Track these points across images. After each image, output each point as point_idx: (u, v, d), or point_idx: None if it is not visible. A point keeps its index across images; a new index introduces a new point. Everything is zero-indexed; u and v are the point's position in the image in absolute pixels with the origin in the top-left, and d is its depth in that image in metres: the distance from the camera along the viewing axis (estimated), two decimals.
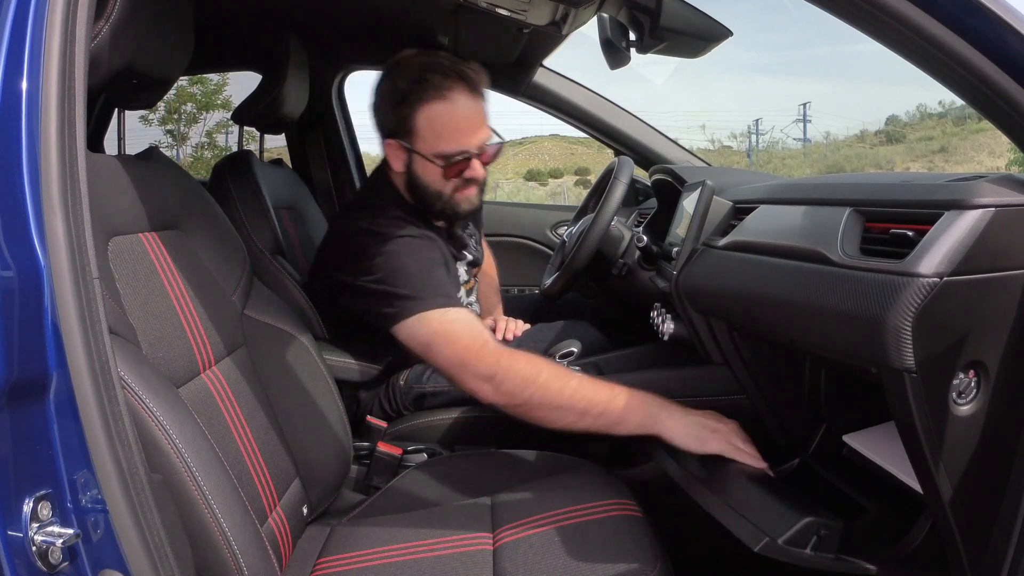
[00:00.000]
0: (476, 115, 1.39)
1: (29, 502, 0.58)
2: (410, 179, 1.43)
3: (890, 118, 31.91)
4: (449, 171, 1.39)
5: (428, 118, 1.36)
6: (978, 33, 0.78)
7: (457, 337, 1.24)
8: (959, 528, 0.87)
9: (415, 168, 1.41)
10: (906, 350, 0.80)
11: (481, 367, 1.21)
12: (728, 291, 1.18)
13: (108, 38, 0.87)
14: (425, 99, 1.35)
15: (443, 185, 1.41)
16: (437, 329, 1.26)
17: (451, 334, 1.25)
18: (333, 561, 1.07)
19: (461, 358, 1.23)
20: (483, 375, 1.20)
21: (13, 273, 0.59)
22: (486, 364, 1.21)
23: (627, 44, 1.39)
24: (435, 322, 1.27)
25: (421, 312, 1.27)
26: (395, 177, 1.47)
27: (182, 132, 10.75)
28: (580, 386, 1.18)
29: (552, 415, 1.18)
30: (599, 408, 1.16)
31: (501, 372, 1.20)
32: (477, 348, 1.23)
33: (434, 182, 1.41)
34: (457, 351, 1.23)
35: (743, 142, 31.25)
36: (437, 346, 1.25)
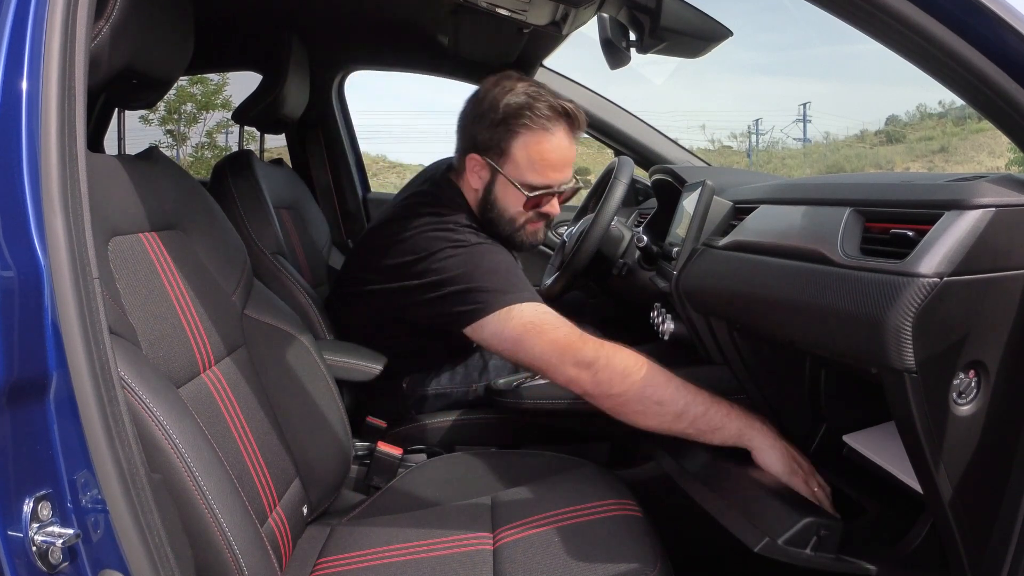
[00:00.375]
0: (570, 155, 1.42)
1: (29, 502, 0.58)
2: (486, 198, 1.43)
3: (890, 118, 31.92)
4: (531, 202, 1.40)
5: (526, 147, 1.37)
6: (978, 33, 0.78)
7: (555, 327, 1.23)
8: (959, 528, 0.87)
9: (496, 189, 1.42)
10: (906, 350, 0.80)
11: (582, 354, 1.18)
12: (728, 291, 1.18)
13: (108, 38, 0.87)
14: (529, 128, 1.36)
15: (519, 214, 1.42)
16: (532, 319, 1.24)
17: (547, 324, 1.24)
18: (333, 561, 1.07)
19: (561, 346, 1.20)
20: (584, 362, 1.18)
21: (13, 273, 0.59)
22: (589, 350, 1.19)
23: (627, 44, 1.39)
24: (528, 314, 1.25)
25: (512, 305, 1.26)
26: (467, 191, 1.46)
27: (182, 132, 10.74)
28: (681, 386, 1.16)
29: (649, 410, 1.15)
30: (699, 411, 1.14)
31: (603, 359, 1.17)
32: (578, 336, 1.21)
33: (511, 208, 1.42)
34: (557, 338, 1.21)
35: (743, 142, 31.25)
36: (532, 336, 1.23)
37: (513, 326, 1.25)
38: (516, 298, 1.26)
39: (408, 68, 2.42)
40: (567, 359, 1.19)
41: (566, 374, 1.20)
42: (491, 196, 1.42)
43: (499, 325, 1.26)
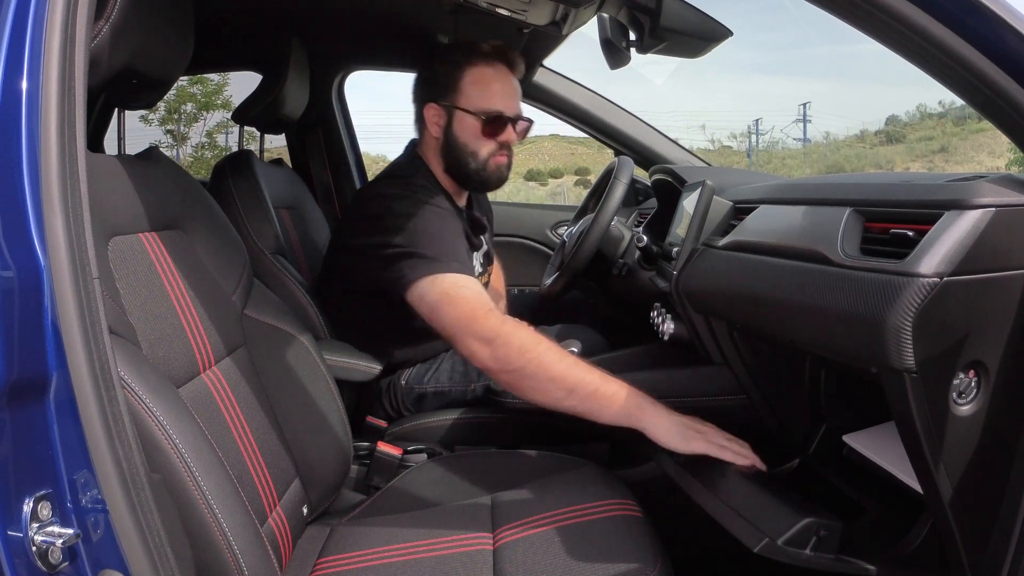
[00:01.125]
0: (515, 90, 1.53)
1: (29, 502, 0.58)
2: (448, 142, 1.52)
3: (890, 118, 31.92)
4: (488, 129, 1.49)
5: (474, 78, 1.49)
6: (978, 33, 0.78)
7: (466, 300, 1.29)
8: (959, 528, 0.87)
9: (455, 127, 1.51)
10: (906, 350, 0.80)
11: (484, 329, 1.24)
12: (728, 291, 1.18)
13: (108, 38, 0.87)
14: (474, 62, 1.50)
15: (480, 145, 1.50)
16: (448, 291, 1.31)
17: (460, 296, 1.30)
18: (333, 561, 1.07)
19: (466, 319, 1.27)
20: (484, 337, 1.24)
21: (13, 273, 0.59)
22: (489, 326, 1.24)
23: (627, 44, 1.39)
24: (447, 284, 1.31)
25: (437, 274, 1.32)
26: (428, 151, 1.56)
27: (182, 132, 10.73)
28: (574, 364, 1.20)
29: (542, 387, 1.20)
30: (588, 389, 1.18)
31: (503, 336, 1.23)
32: (483, 312, 1.27)
33: (472, 140, 1.50)
34: (464, 312, 1.28)
35: (743, 142, 31.26)
36: (445, 307, 1.30)
37: (433, 294, 1.31)
38: (443, 267, 1.32)
39: (408, 68, 2.41)
40: (469, 332, 1.25)
41: (468, 347, 1.26)
42: (451, 136, 1.51)
43: (422, 292, 1.33)
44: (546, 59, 2.22)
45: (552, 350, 1.22)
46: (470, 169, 1.52)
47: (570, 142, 29.98)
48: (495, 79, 1.50)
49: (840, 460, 1.21)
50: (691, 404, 1.39)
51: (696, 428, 1.17)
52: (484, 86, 1.49)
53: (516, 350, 1.22)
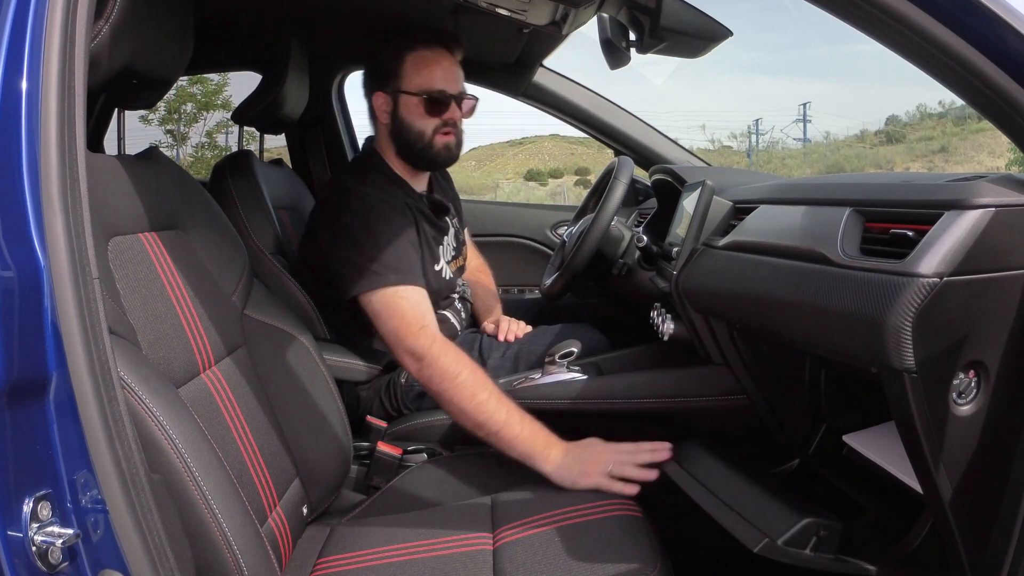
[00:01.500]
0: (455, 70, 1.58)
1: (29, 502, 0.58)
2: (395, 126, 1.57)
3: (890, 118, 31.91)
4: (431, 107, 1.54)
5: (414, 61, 1.55)
6: (978, 33, 0.78)
7: (401, 314, 1.37)
8: (959, 528, 0.87)
9: (400, 112, 1.56)
10: (906, 350, 0.80)
11: (413, 346, 1.33)
12: (728, 291, 1.18)
13: (108, 38, 0.87)
14: (412, 47, 1.55)
15: (424, 124, 1.55)
16: (386, 303, 1.38)
17: (395, 309, 1.37)
18: (333, 561, 1.07)
19: (398, 333, 1.35)
20: (413, 353, 1.33)
21: (13, 273, 0.59)
22: (419, 344, 1.33)
23: (627, 44, 1.39)
24: (386, 297, 1.39)
25: (376, 288, 1.39)
26: (382, 141, 1.61)
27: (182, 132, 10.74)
28: (486, 401, 1.26)
29: (457, 415, 1.30)
30: (493, 427, 1.25)
31: (429, 357, 1.31)
32: (417, 328, 1.35)
33: (416, 121, 1.55)
34: (397, 326, 1.36)
35: (743, 142, 31.25)
36: (381, 319, 1.38)
37: (373, 306, 1.40)
38: (382, 280, 1.39)
39: None
40: (401, 346, 1.35)
41: (401, 358, 1.36)
42: (399, 119, 1.56)
43: (365, 301, 1.41)
44: (546, 59, 2.22)
45: (471, 382, 1.28)
46: (418, 148, 1.57)
47: (570, 142, 29.98)
48: (434, 60, 1.55)
49: (840, 460, 1.21)
50: (691, 404, 1.39)
51: (584, 466, 1.19)
52: (424, 67, 1.54)
53: (439, 373, 1.30)
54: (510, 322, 1.74)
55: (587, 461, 1.20)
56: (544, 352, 1.55)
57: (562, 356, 1.48)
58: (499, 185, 25.97)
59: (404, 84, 1.55)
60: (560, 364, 1.48)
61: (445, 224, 1.69)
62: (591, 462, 1.20)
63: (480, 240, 2.09)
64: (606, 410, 1.44)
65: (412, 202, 1.57)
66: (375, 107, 1.59)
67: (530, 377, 1.51)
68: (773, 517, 1.00)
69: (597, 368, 1.53)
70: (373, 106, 1.60)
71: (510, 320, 1.75)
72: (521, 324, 1.73)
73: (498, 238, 2.43)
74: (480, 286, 1.90)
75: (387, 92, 1.57)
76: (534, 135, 30.79)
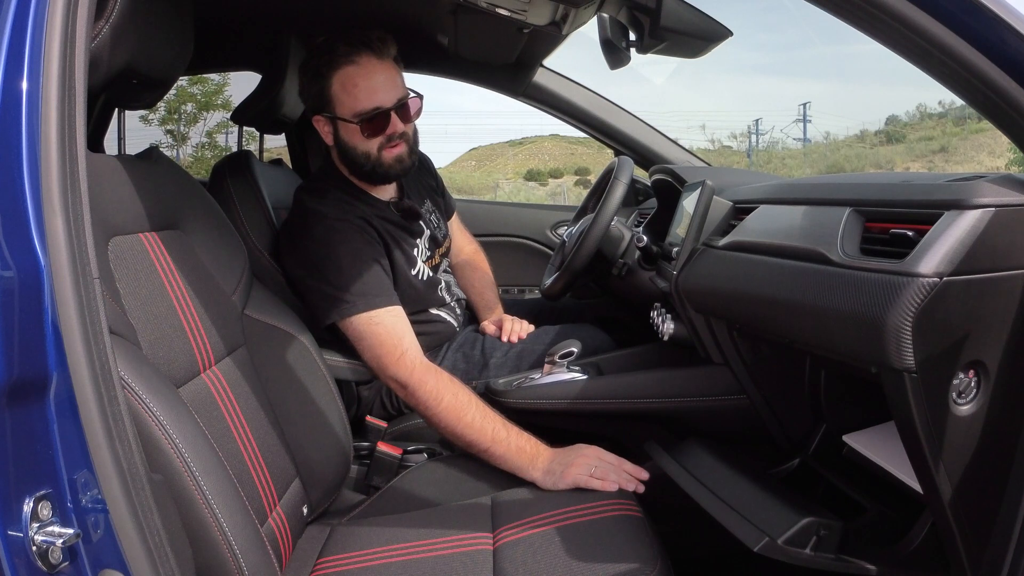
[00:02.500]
0: (386, 76, 1.47)
1: (29, 502, 0.58)
2: (340, 148, 1.52)
3: (890, 118, 31.92)
4: (367, 128, 1.47)
5: (341, 83, 1.45)
6: (978, 33, 0.78)
7: (379, 342, 1.36)
8: (959, 528, 0.87)
9: (341, 136, 1.50)
10: (906, 350, 0.80)
11: (395, 374, 1.34)
12: (728, 291, 1.18)
13: (108, 38, 0.87)
14: (335, 66, 1.45)
15: (368, 145, 1.48)
16: (363, 331, 1.37)
17: (374, 337, 1.37)
18: (333, 561, 1.07)
19: (380, 362, 1.36)
20: (398, 382, 1.34)
21: (13, 273, 0.59)
22: (400, 374, 1.34)
23: (627, 44, 1.39)
24: (361, 324, 1.37)
25: (348, 316, 1.38)
26: (334, 157, 1.55)
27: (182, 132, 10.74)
28: (471, 423, 1.29)
29: (447, 436, 1.33)
30: (483, 446, 1.28)
31: (411, 385, 1.32)
32: (396, 357, 1.34)
33: (359, 144, 1.49)
34: (378, 355, 1.36)
35: (743, 142, 31.24)
36: (361, 345, 1.38)
37: (350, 332, 1.39)
38: (351, 308, 1.37)
39: (408, 68, 2.41)
40: (385, 375, 1.36)
41: (387, 383, 1.38)
42: (341, 143, 1.51)
43: (342, 328, 1.40)
44: (546, 59, 2.22)
45: (454, 406, 1.30)
46: (367, 169, 1.51)
47: (570, 142, 29.97)
48: (360, 76, 1.45)
49: (840, 460, 1.21)
50: (691, 404, 1.39)
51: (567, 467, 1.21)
52: (352, 87, 1.45)
53: (423, 401, 1.31)
54: (513, 322, 1.73)
55: (570, 464, 1.22)
56: (546, 351, 1.55)
57: (562, 356, 1.48)
58: (499, 185, 25.97)
59: (337, 109, 1.47)
60: (560, 364, 1.48)
61: (418, 228, 1.63)
62: (574, 464, 1.22)
63: (480, 240, 2.09)
64: (606, 410, 1.44)
65: (376, 212, 1.52)
66: (318, 129, 1.53)
67: (530, 377, 1.51)
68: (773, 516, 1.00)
69: (597, 368, 1.53)
70: (315, 128, 1.54)
71: (513, 320, 1.74)
72: (524, 324, 1.73)
73: (498, 238, 2.43)
74: (477, 275, 1.88)
75: (324, 116, 1.50)
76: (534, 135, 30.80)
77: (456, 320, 1.70)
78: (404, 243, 1.55)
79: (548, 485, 1.22)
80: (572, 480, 1.20)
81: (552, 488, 1.21)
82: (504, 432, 1.28)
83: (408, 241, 1.57)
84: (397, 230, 1.55)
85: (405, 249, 1.55)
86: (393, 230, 1.54)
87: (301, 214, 1.48)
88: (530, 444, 1.27)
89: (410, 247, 1.58)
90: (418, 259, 1.60)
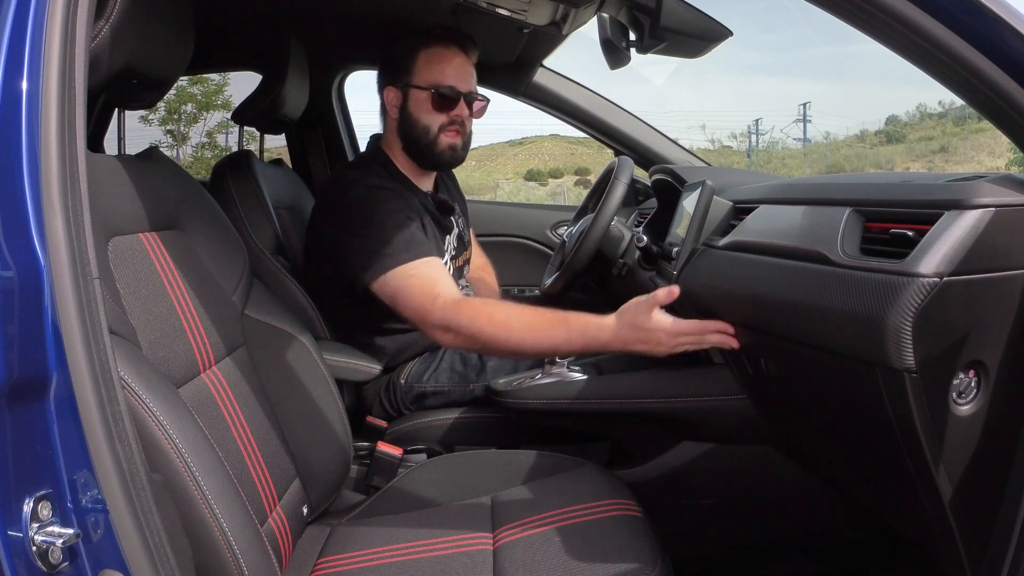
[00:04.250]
0: (467, 69, 1.59)
1: (29, 502, 0.58)
2: (403, 120, 1.58)
3: (890, 118, 31.91)
4: (437, 101, 1.55)
5: (427, 57, 1.56)
6: (978, 33, 0.78)
7: (413, 294, 1.38)
8: (959, 528, 0.87)
9: (409, 106, 1.57)
10: (906, 350, 0.80)
11: (439, 319, 1.34)
12: (728, 291, 1.18)
13: (108, 38, 0.87)
14: (427, 43, 1.57)
15: (431, 120, 1.56)
16: (399, 286, 1.39)
17: (410, 291, 1.38)
18: (333, 561, 1.07)
19: (419, 314, 1.37)
20: (440, 326, 1.34)
21: (13, 273, 0.59)
22: (442, 317, 1.34)
23: (627, 44, 1.39)
24: (398, 279, 1.39)
25: (386, 271, 1.39)
26: (389, 138, 1.61)
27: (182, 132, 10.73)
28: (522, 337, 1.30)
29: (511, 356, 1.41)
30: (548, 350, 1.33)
31: (454, 328, 1.33)
32: (429, 303, 1.35)
33: (423, 116, 1.56)
34: (415, 307, 1.37)
35: (743, 142, 31.25)
36: (400, 301, 1.39)
37: (388, 291, 1.40)
38: (389, 262, 1.39)
39: None
40: (427, 323, 1.36)
41: (431, 334, 1.37)
42: (407, 113, 1.57)
43: (378, 288, 1.41)
44: (546, 59, 2.22)
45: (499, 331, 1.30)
46: (423, 144, 1.57)
47: (570, 142, 29.95)
48: (446, 57, 1.56)
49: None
50: (691, 404, 1.39)
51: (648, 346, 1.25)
52: (436, 63, 1.55)
53: (469, 340, 1.33)
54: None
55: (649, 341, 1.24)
56: None
57: (562, 356, 1.48)
58: (499, 185, 25.96)
59: (415, 79, 1.56)
60: (560, 364, 1.48)
61: (449, 223, 1.69)
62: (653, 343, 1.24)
63: (480, 240, 2.09)
64: (606, 410, 1.44)
65: (415, 197, 1.57)
66: (385, 101, 1.60)
67: (530, 377, 1.51)
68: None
69: (597, 368, 1.53)
70: (384, 100, 1.61)
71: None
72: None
73: (498, 238, 2.43)
74: (483, 285, 1.90)
75: (397, 86, 1.58)
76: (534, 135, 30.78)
77: None
78: (435, 233, 1.60)
79: (641, 350, 1.25)
80: (656, 347, 1.24)
81: (649, 352, 1.25)
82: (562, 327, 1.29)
83: (438, 234, 1.62)
84: (430, 219, 1.59)
85: (436, 238, 1.59)
86: (427, 217, 1.58)
87: (340, 182, 1.55)
88: (592, 323, 1.28)
89: (439, 240, 1.62)
90: (445, 254, 1.63)
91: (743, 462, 1.40)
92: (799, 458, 1.32)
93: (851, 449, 1.12)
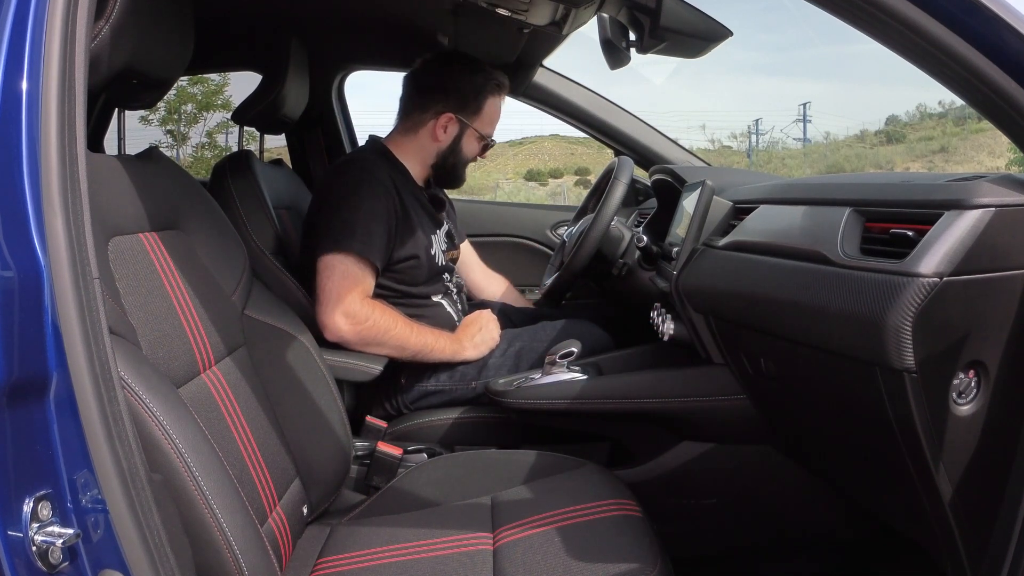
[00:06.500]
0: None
1: (29, 502, 0.58)
2: (452, 149, 1.70)
3: (890, 118, 31.88)
4: (483, 148, 1.74)
5: (493, 107, 1.71)
6: (978, 33, 0.78)
7: (353, 279, 1.49)
8: (959, 528, 0.87)
9: (463, 141, 1.70)
10: (906, 350, 0.80)
11: (345, 304, 1.47)
12: (728, 291, 1.18)
13: (108, 38, 0.87)
14: (495, 92, 1.70)
15: (471, 157, 1.74)
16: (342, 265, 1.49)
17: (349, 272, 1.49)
18: (333, 561, 1.07)
19: (336, 292, 1.48)
20: (352, 315, 1.47)
21: (13, 273, 0.59)
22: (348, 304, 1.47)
23: (627, 44, 1.39)
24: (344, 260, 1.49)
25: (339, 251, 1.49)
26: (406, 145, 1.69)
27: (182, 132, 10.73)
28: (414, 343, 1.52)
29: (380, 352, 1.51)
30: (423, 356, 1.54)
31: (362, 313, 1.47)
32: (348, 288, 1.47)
33: (470, 154, 1.73)
34: (334, 285, 1.48)
35: (743, 142, 31.22)
36: (328, 274, 1.49)
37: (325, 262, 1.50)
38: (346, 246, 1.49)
39: (408, 68, 2.42)
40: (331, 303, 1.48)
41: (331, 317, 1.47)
42: (458, 147, 1.70)
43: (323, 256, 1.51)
44: (546, 59, 2.22)
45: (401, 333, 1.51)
46: (454, 171, 1.72)
47: (570, 142, 29.94)
48: (500, 109, 1.73)
49: None
50: (691, 404, 1.39)
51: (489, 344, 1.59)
52: (495, 115, 1.72)
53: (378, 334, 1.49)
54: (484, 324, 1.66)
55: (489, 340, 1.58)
56: (546, 350, 1.55)
57: (562, 356, 1.48)
58: (499, 185, 25.97)
59: (479, 123, 1.68)
60: (560, 364, 1.48)
61: (440, 218, 1.74)
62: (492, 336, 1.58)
63: (480, 240, 2.09)
64: (606, 410, 1.44)
65: (410, 188, 1.64)
66: (437, 124, 1.66)
67: (530, 377, 1.51)
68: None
69: (597, 368, 1.53)
70: (434, 121, 1.66)
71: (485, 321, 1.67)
72: (493, 329, 1.66)
73: (498, 238, 2.43)
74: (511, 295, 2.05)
75: (459, 119, 1.67)
76: (534, 135, 30.78)
77: (456, 314, 1.70)
78: (427, 223, 1.66)
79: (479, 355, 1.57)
80: (483, 351, 1.57)
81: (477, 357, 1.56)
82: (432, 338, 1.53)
83: (430, 225, 1.68)
84: (422, 210, 1.66)
85: (425, 227, 1.65)
86: (419, 208, 1.64)
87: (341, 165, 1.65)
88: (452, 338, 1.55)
89: (430, 230, 1.67)
90: (435, 244, 1.68)
91: (743, 462, 1.40)
92: (799, 458, 1.32)
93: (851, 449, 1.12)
